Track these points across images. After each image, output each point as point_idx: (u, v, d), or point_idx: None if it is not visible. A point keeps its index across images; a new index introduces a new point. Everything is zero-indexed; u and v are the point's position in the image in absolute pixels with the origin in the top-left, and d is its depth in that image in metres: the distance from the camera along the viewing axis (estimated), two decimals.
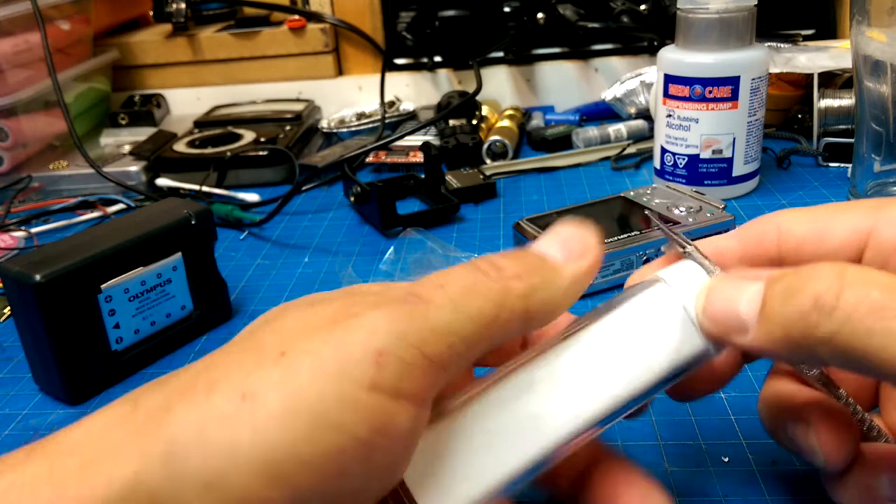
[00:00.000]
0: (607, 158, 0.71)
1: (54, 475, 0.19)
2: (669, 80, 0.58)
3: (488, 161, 0.73)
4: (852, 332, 0.19)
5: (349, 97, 0.90)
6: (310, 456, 0.18)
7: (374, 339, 0.19)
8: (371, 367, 0.19)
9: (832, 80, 0.68)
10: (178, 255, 0.43)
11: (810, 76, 0.65)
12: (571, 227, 0.25)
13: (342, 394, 0.18)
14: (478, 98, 0.75)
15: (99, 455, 0.19)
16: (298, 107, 0.85)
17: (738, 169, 0.58)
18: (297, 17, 0.88)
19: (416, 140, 0.74)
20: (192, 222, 0.44)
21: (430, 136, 0.76)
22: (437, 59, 0.88)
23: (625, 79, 0.78)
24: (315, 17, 0.88)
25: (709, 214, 0.50)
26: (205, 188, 0.69)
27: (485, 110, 0.81)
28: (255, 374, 0.19)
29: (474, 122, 0.77)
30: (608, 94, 0.79)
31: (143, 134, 0.80)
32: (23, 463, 0.19)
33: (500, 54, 0.87)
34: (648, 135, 0.73)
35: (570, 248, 0.24)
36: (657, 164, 0.62)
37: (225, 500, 0.18)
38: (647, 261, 0.48)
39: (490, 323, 0.21)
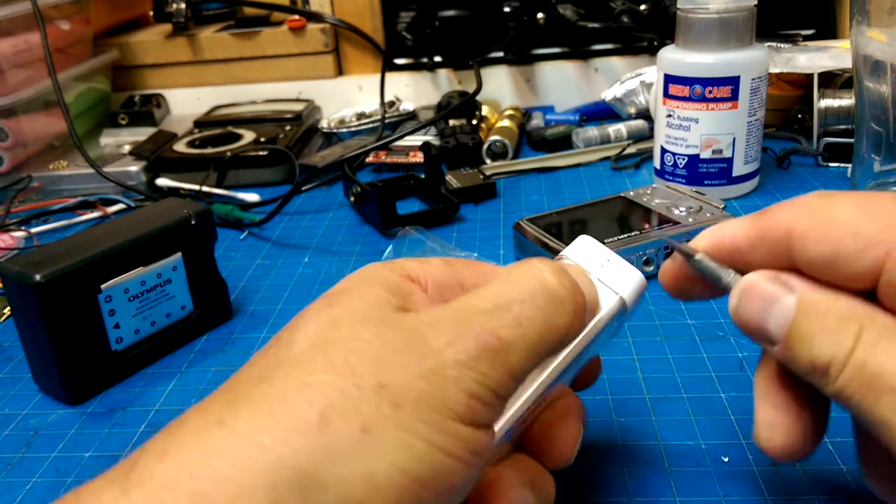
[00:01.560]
0: (607, 158, 0.71)
1: None
2: (669, 80, 0.58)
3: (488, 161, 0.73)
4: (856, 403, 0.22)
5: (349, 97, 0.90)
6: (430, 479, 0.21)
7: (464, 382, 0.22)
8: (463, 408, 0.22)
9: (832, 80, 0.68)
10: (178, 255, 0.43)
11: (810, 76, 0.65)
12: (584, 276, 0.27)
13: (445, 427, 0.21)
14: (478, 98, 0.75)
15: (211, 489, 0.19)
16: (298, 107, 0.85)
17: (738, 169, 0.58)
18: (297, 17, 0.88)
19: (416, 140, 0.74)
20: (192, 222, 0.44)
21: (430, 136, 0.76)
22: (437, 59, 0.88)
23: (625, 79, 0.78)
24: (315, 17, 0.88)
25: (709, 214, 0.50)
26: (205, 188, 0.69)
27: (485, 110, 0.81)
28: (365, 407, 0.21)
29: (474, 122, 0.77)
30: (608, 94, 0.79)
31: (143, 134, 0.80)
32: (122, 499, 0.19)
33: (500, 54, 0.87)
34: (648, 135, 0.74)
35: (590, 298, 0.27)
36: (657, 164, 0.62)
37: None
38: (647, 261, 0.48)
39: (549, 357, 0.25)
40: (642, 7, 0.82)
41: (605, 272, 0.28)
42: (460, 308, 0.23)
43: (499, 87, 0.88)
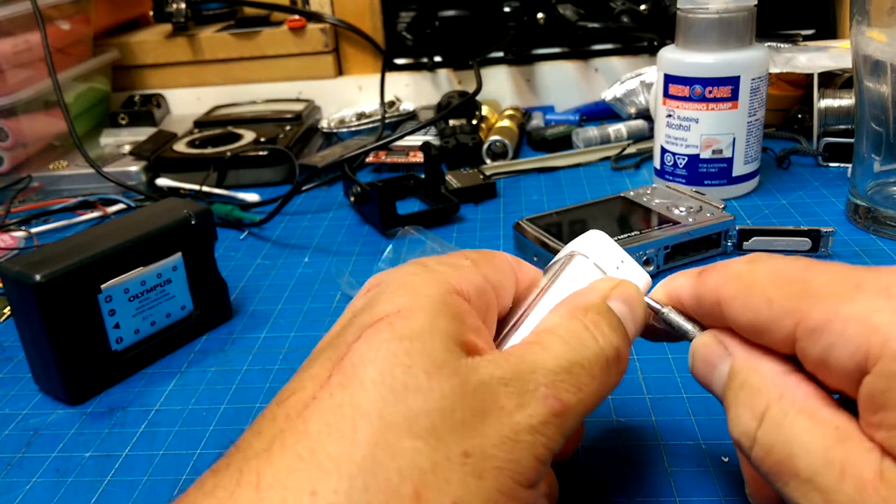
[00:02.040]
0: (607, 158, 0.71)
1: None
2: (669, 80, 0.58)
3: (488, 161, 0.73)
4: (771, 481, 0.23)
5: (349, 97, 0.90)
6: None
7: (536, 448, 0.22)
8: (532, 473, 0.22)
9: (832, 80, 0.68)
10: (178, 255, 0.43)
11: (810, 76, 0.65)
12: (635, 294, 0.28)
13: (517, 495, 0.22)
14: (478, 98, 0.75)
15: None
16: (298, 107, 0.85)
17: (738, 169, 0.58)
18: (297, 17, 0.88)
19: (416, 140, 0.74)
20: (192, 222, 0.44)
21: (430, 136, 0.76)
22: (437, 59, 0.88)
23: (625, 79, 0.78)
24: (315, 17, 0.88)
25: (709, 214, 0.50)
26: (205, 188, 0.69)
27: (485, 110, 0.81)
28: (454, 480, 0.21)
29: (474, 122, 0.77)
30: (608, 94, 0.79)
31: (143, 134, 0.80)
32: None
33: (500, 54, 0.87)
34: (648, 135, 0.73)
35: (636, 320, 0.28)
36: (657, 164, 0.62)
37: None
38: (647, 261, 0.48)
39: None
40: (642, 7, 0.82)
41: (618, 273, 0.29)
42: (523, 364, 0.24)
43: (499, 87, 0.88)
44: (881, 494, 0.20)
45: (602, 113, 0.82)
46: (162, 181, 0.72)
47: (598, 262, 0.29)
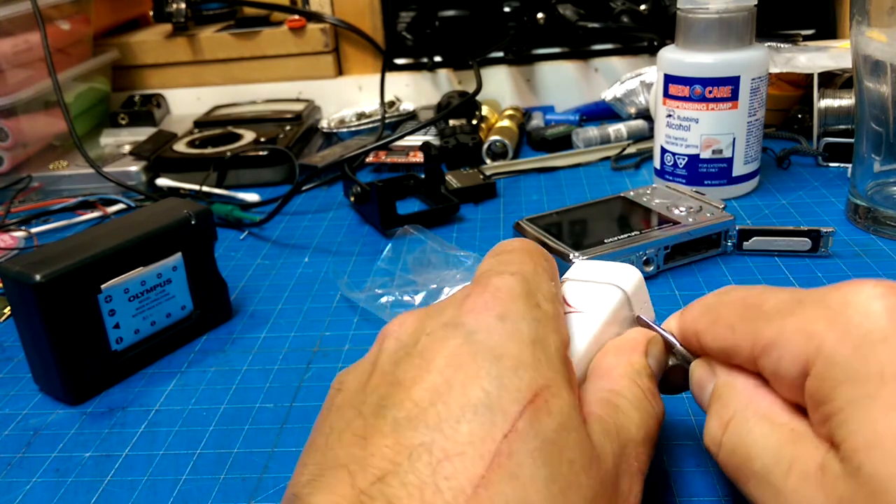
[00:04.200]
0: (607, 158, 0.71)
1: None
2: (669, 80, 0.58)
3: (488, 161, 0.73)
4: (735, 482, 0.25)
5: (349, 97, 0.90)
6: None
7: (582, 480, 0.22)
8: None
9: (832, 80, 0.68)
10: (178, 255, 0.43)
11: (810, 76, 0.65)
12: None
13: None
14: (478, 98, 0.75)
15: None
16: (298, 107, 0.85)
17: (738, 169, 0.58)
18: (297, 17, 0.88)
19: (416, 140, 0.74)
20: (192, 222, 0.44)
21: (430, 136, 0.76)
22: (437, 59, 0.88)
23: (625, 79, 0.78)
24: (315, 17, 0.88)
25: (709, 214, 0.50)
26: (205, 188, 0.69)
27: (485, 110, 0.81)
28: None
29: (474, 122, 0.77)
30: (608, 94, 0.79)
31: (143, 134, 0.80)
32: None
33: (500, 54, 0.87)
34: (648, 135, 0.73)
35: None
36: (657, 164, 0.62)
37: None
38: (647, 261, 0.48)
39: None
40: (642, 7, 0.82)
41: (602, 275, 0.31)
42: (621, 436, 0.25)
43: (499, 87, 0.88)
44: (820, 483, 0.21)
45: (602, 113, 0.82)
46: (162, 181, 0.72)
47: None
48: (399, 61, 0.89)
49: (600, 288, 0.30)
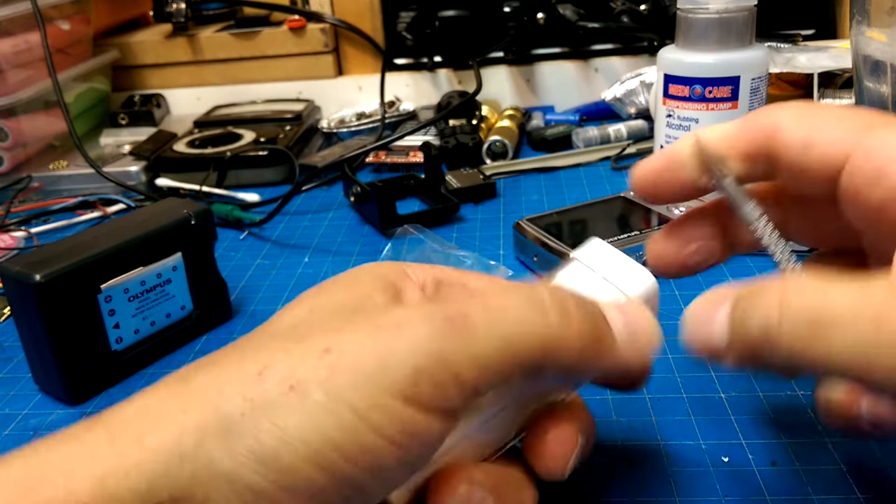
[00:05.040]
0: (607, 158, 0.71)
1: (115, 443, 0.20)
2: (669, 80, 0.58)
3: (488, 161, 0.73)
4: (799, 357, 0.20)
5: (349, 97, 0.90)
6: (350, 449, 0.20)
7: (414, 357, 0.21)
8: (407, 383, 0.21)
9: (832, 80, 0.68)
10: (178, 255, 0.44)
11: (810, 76, 0.65)
12: (647, 317, 0.26)
13: (379, 401, 0.20)
14: (478, 98, 0.75)
15: (156, 425, 0.20)
16: (298, 107, 0.85)
17: None
18: (297, 17, 0.88)
19: (416, 140, 0.74)
20: (192, 222, 0.44)
21: (430, 136, 0.76)
22: (437, 59, 0.88)
23: (625, 79, 0.78)
24: (315, 17, 0.88)
25: None
26: (205, 188, 0.69)
27: (485, 110, 0.81)
28: (301, 367, 0.21)
29: (474, 122, 0.77)
30: (608, 94, 0.79)
31: (143, 134, 0.80)
32: (83, 435, 0.21)
33: (500, 54, 0.87)
34: (648, 135, 0.74)
35: (635, 340, 0.25)
36: None
37: (276, 478, 0.20)
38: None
39: (531, 367, 0.23)
40: (642, 7, 0.82)
41: (614, 273, 0.28)
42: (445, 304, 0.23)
43: (499, 87, 0.88)
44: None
45: (602, 113, 0.82)
46: (162, 181, 0.72)
47: (592, 265, 0.28)
48: (399, 61, 0.89)
49: (605, 288, 0.27)
